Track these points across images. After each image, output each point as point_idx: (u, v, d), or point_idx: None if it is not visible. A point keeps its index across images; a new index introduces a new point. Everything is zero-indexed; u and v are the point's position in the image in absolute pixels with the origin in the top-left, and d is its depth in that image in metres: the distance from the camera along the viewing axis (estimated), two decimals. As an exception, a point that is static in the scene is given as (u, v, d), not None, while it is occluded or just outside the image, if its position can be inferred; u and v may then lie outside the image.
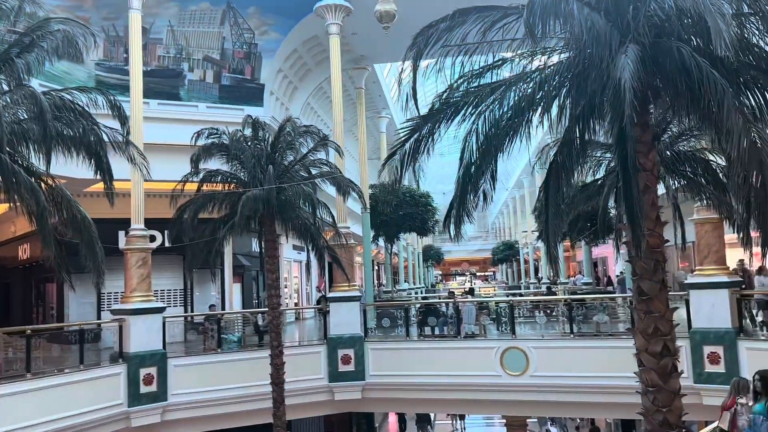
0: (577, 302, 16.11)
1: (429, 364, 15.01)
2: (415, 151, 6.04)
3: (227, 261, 18.93)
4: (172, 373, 13.78)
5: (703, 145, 9.82)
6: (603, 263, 38.15)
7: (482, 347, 15.02)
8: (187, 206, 12.69)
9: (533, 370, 14.36)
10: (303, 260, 22.83)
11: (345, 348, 15.11)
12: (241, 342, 15.37)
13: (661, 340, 4.68)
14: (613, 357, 13.76)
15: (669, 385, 4.69)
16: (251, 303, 20.84)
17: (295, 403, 14.10)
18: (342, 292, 15.64)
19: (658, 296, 4.72)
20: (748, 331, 12.57)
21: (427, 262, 55.95)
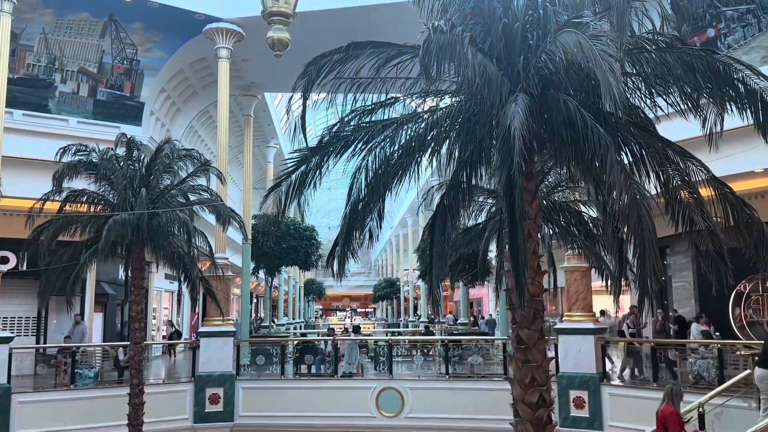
0: (454, 343, 16.28)
1: (303, 404, 14.53)
2: (301, 184, 5.77)
3: (89, 288, 17.51)
4: (16, 410, 12.42)
5: (577, 196, 10.31)
6: (478, 304, 39.33)
7: (359, 387, 14.79)
8: (46, 227, 11.57)
9: (408, 411, 14.28)
10: (175, 290, 21.62)
11: (214, 386, 14.30)
12: (98, 377, 14.12)
13: (537, 390, 4.64)
14: (486, 398, 13.99)
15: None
16: (114, 334, 19.36)
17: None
18: (215, 326, 14.87)
19: (536, 345, 4.71)
20: (610, 376, 13.18)
21: (309, 296, 55.25)
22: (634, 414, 11.77)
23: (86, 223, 11.67)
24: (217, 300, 13.72)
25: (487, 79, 4.62)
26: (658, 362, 12.40)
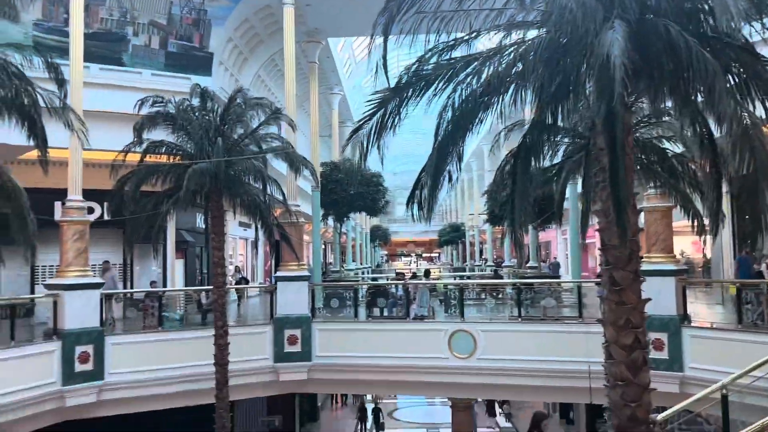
0: (526, 286, 16.17)
1: (377, 345, 14.82)
2: (381, 127, 5.70)
3: (170, 236, 18.23)
4: (110, 351, 13.16)
5: (660, 132, 9.86)
6: (546, 247, 38.83)
7: (431, 329, 14.93)
8: (129, 178, 11.99)
9: (480, 353, 14.35)
10: (250, 237, 22.25)
11: (292, 328, 14.76)
12: (183, 321, 14.81)
13: (632, 332, 4.53)
14: (559, 341, 13.92)
15: (639, 379, 4.55)
16: (194, 280, 20.18)
17: (239, 383, 13.69)
18: (291, 271, 15.25)
19: (631, 287, 4.57)
20: (691, 318, 12.82)
21: (375, 242, 55.90)
22: (716, 356, 11.46)
23: (166, 172, 12.02)
24: (292, 245, 14.01)
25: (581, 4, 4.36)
26: (743, 303, 11.95)
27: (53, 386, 12.17)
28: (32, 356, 11.95)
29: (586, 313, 14.52)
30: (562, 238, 33.69)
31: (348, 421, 32.66)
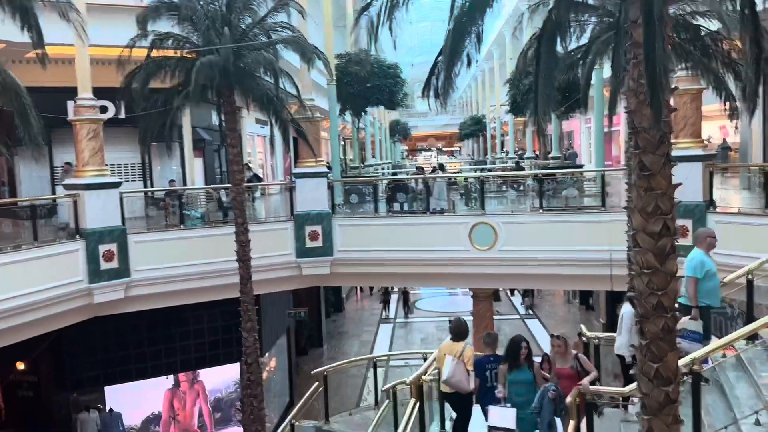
0: (548, 177, 15.89)
1: (397, 239, 14.87)
2: (393, 3, 5.24)
3: (186, 134, 18.00)
4: (134, 249, 13.36)
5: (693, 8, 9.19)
6: (569, 137, 38.03)
7: (451, 222, 14.86)
8: (136, 73, 11.63)
9: (501, 245, 14.34)
10: (266, 135, 21.95)
11: (312, 224, 14.80)
12: (205, 218, 14.88)
13: (661, 219, 4.31)
14: (580, 231, 13.80)
15: (666, 267, 4.37)
16: (214, 178, 20.17)
17: (263, 278, 13.94)
18: (308, 167, 15.10)
19: (661, 172, 4.30)
20: (716, 204, 12.53)
21: (394, 137, 55.30)
22: (741, 242, 11.24)
23: (174, 66, 11.62)
24: (308, 141, 13.75)
25: None
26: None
27: (81, 284, 12.47)
28: (57, 255, 12.16)
29: (609, 202, 14.31)
30: (586, 127, 32.86)
31: (372, 310, 33.76)
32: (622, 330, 8.12)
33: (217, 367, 17.33)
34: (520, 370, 7.22)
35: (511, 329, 28.25)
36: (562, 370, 7.14)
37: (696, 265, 7.60)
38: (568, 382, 6.99)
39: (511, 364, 7.29)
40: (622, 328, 8.10)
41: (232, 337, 15.48)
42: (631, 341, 7.80)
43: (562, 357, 7.20)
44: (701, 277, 7.57)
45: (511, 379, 7.26)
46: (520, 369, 7.22)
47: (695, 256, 7.71)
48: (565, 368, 7.12)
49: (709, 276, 7.65)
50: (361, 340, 27.89)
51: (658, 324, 4.40)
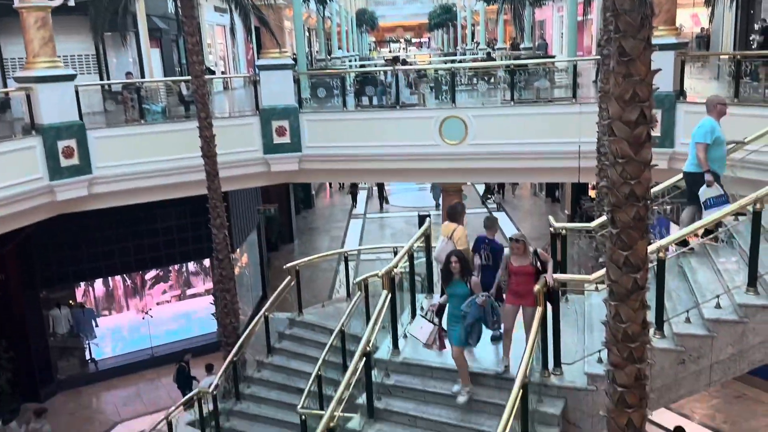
0: (519, 68, 15.57)
1: (366, 134, 14.61)
2: None
3: (141, 23, 17.03)
4: (94, 145, 12.93)
5: None
6: (540, 27, 37.15)
7: (421, 116, 14.61)
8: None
9: (472, 138, 14.22)
10: (227, 24, 20.91)
11: (279, 119, 14.40)
12: (166, 113, 14.37)
13: (638, 106, 4.20)
14: (551, 123, 13.71)
15: (640, 156, 4.31)
16: (173, 71, 19.35)
17: (230, 175, 13.69)
18: (273, 59, 14.49)
19: (641, 57, 4.14)
20: (686, 93, 12.48)
21: (361, 27, 53.44)
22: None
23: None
24: (272, 30, 13.13)
25: None
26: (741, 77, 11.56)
27: (41, 182, 12.11)
28: (13, 152, 11.71)
29: (580, 93, 14.17)
30: (558, 16, 32.10)
31: (343, 206, 33.91)
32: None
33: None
34: (454, 283, 7.22)
35: (479, 223, 28.79)
36: (521, 268, 7.14)
37: (707, 131, 7.63)
38: (527, 278, 7.07)
39: (445, 278, 7.31)
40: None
41: (202, 234, 15.44)
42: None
43: (521, 257, 7.18)
44: (710, 143, 7.60)
45: (448, 291, 7.31)
46: (454, 282, 7.22)
47: (705, 123, 7.73)
48: (524, 266, 7.12)
49: (717, 143, 7.69)
50: (331, 235, 28.14)
51: (629, 213, 4.40)
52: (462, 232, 8.46)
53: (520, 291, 7.13)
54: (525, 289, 7.07)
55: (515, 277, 7.18)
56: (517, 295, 7.20)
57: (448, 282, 7.30)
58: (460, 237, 8.41)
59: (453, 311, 7.20)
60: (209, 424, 11.10)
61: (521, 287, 7.12)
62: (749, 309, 6.43)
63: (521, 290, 7.13)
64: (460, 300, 7.07)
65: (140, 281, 17.47)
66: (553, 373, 7.01)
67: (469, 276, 7.24)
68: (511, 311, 7.24)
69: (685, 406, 12.88)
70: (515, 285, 7.20)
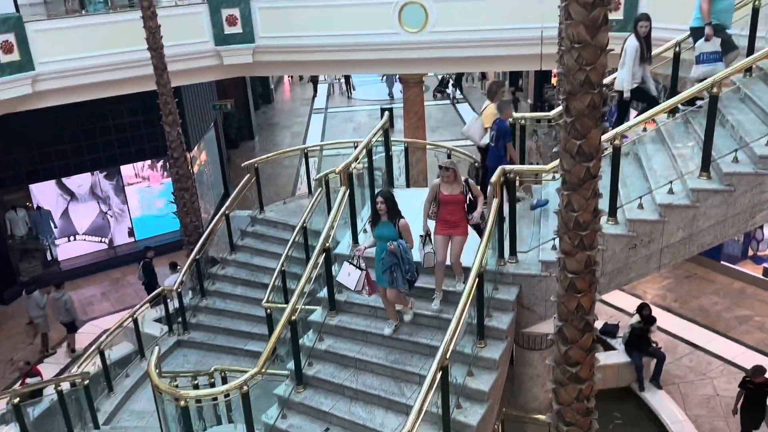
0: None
1: (323, 23, 13.98)
2: None
3: None
4: (34, 39, 12.21)
5: None
6: None
7: (379, 2, 13.96)
8: None
9: (432, 26, 13.77)
10: None
11: (229, 7, 13.65)
12: (108, 2, 13.49)
13: (598, -13, 3.99)
14: (513, 8, 13.25)
15: (597, 41, 4.15)
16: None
17: (180, 69, 13.13)
18: (218, -61, 13.54)
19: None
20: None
21: None
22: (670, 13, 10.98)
23: None
24: None
25: None
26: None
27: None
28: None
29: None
30: None
31: (303, 101, 33.16)
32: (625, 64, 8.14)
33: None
34: (381, 225, 6.83)
35: (441, 114, 28.57)
36: (451, 196, 6.91)
37: None
38: (458, 207, 6.91)
39: (374, 219, 6.96)
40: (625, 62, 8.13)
41: (156, 132, 14.97)
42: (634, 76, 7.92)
43: (452, 184, 6.92)
44: None
45: (376, 233, 6.90)
46: (381, 224, 6.83)
47: None
48: (454, 195, 6.91)
49: None
50: (292, 131, 27.67)
51: (584, 100, 4.30)
52: (490, 110, 8.41)
53: (451, 220, 6.93)
54: (455, 218, 6.91)
55: (445, 206, 6.96)
56: (447, 224, 6.97)
57: (375, 223, 6.92)
58: (487, 115, 8.44)
59: (380, 254, 6.81)
60: (176, 320, 11.27)
61: (452, 216, 6.92)
62: (701, 193, 6.55)
63: (452, 219, 6.93)
64: (386, 243, 6.68)
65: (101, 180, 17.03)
66: (509, 261, 7.15)
67: (398, 218, 6.79)
68: (442, 242, 7.00)
69: (637, 287, 13.47)
70: (445, 214, 6.97)
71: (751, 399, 9.49)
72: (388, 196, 6.82)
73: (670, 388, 11.01)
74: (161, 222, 17.56)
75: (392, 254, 6.62)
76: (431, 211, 7.08)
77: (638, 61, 7.89)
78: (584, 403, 5.18)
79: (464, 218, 6.95)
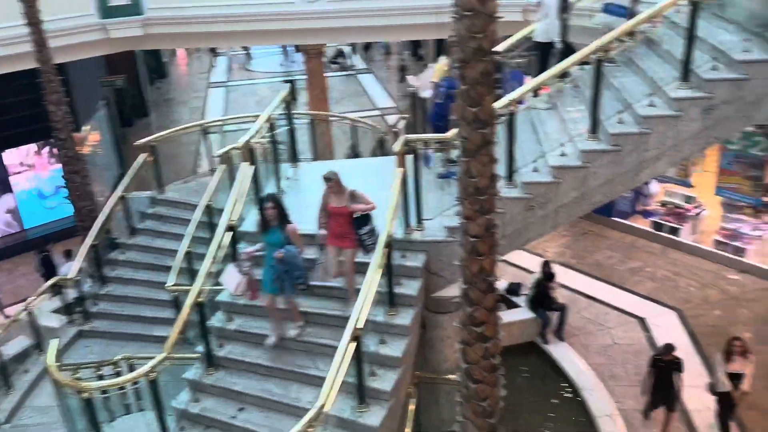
0: None
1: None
2: None
3: None
4: None
5: None
6: None
7: (274, -29, 13.63)
8: None
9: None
10: None
11: (113, -23, 12.90)
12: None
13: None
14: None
15: (486, 8, 4.23)
16: None
17: (63, 44, 12.31)
18: None
19: None
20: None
21: None
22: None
23: None
24: None
25: None
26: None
27: None
28: None
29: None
30: None
31: (199, 74, 32.00)
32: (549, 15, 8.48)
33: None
34: (270, 230, 6.57)
35: (344, 86, 28.38)
36: (337, 208, 6.69)
37: None
38: (346, 219, 6.69)
39: (263, 225, 6.67)
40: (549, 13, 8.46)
41: (41, 112, 14.00)
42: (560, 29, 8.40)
43: (337, 195, 6.70)
44: None
45: (265, 239, 6.67)
46: (270, 230, 6.57)
47: None
48: (340, 207, 6.68)
49: None
50: (190, 107, 26.68)
51: (477, 68, 4.39)
52: (442, 66, 8.57)
53: (339, 232, 6.75)
54: (344, 230, 6.73)
55: (334, 218, 6.77)
56: (336, 235, 6.78)
57: (264, 229, 6.66)
58: (438, 69, 8.60)
59: (269, 261, 6.60)
60: (76, 310, 10.74)
61: (340, 228, 6.74)
62: (590, 154, 6.89)
63: (340, 231, 6.74)
64: (275, 249, 6.50)
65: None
66: (416, 229, 7.28)
67: (286, 223, 6.57)
68: (333, 253, 6.86)
69: (538, 247, 14.05)
70: (335, 225, 6.77)
71: (661, 377, 9.05)
72: (277, 201, 6.61)
73: (572, 340, 11.62)
74: (53, 210, 16.57)
75: (281, 262, 6.45)
76: (322, 222, 6.91)
77: (560, 12, 8.29)
78: (490, 361, 5.40)
79: (353, 231, 6.74)
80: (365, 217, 6.72)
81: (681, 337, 11.36)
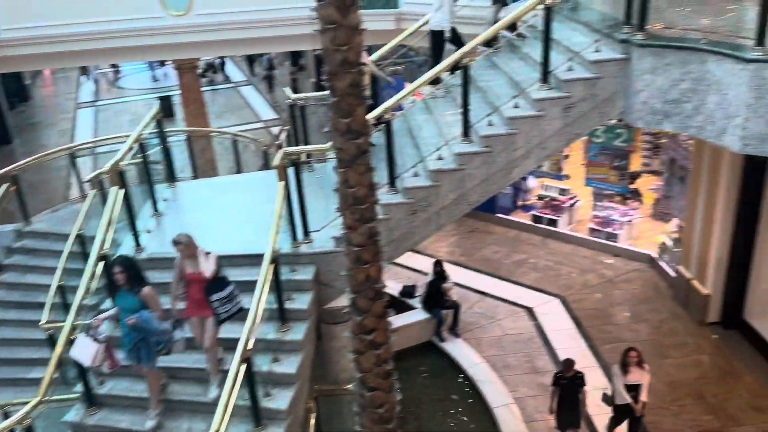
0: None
1: (77, 9, 12.77)
2: None
3: None
4: None
5: None
6: None
7: (137, -14, 13.10)
8: None
9: (199, 8, 13.29)
10: None
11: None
12: None
13: (340, -33, 4.09)
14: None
15: (348, 21, 4.26)
16: None
17: None
18: None
19: None
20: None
21: None
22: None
23: None
24: None
25: None
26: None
27: None
28: None
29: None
30: None
31: (67, 95, 30.21)
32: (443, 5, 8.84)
33: None
34: (121, 294, 6.06)
35: (226, 100, 27.78)
36: (194, 275, 6.16)
37: None
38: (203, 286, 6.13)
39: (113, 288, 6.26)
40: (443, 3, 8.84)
41: None
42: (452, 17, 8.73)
43: (191, 259, 6.17)
44: None
45: (117, 303, 6.16)
46: (121, 293, 6.06)
47: None
48: (197, 273, 6.14)
49: None
50: (59, 129, 25.10)
51: (345, 80, 4.42)
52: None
53: (199, 299, 6.16)
54: (204, 296, 6.12)
55: (192, 285, 6.21)
56: (196, 303, 6.22)
57: (116, 292, 6.18)
58: None
59: (124, 327, 6.03)
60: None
61: (200, 294, 6.14)
62: (465, 157, 7.11)
63: (200, 298, 6.15)
64: (128, 314, 5.91)
65: None
66: (303, 242, 7.21)
67: (140, 286, 5.98)
68: (196, 324, 6.33)
69: (429, 248, 14.36)
70: (194, 293, 6.21)
71: (565, 395, 8.68)
72: (127, 264, 6.04)
73: (466, 335, 11.94)
74: None
75: (134, 329, 5.90)
76: (179, 293, 6.33)
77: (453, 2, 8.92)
78: (383, 367, 5.43)
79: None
80: (221, 281, 6.14)
81: (566, 322, 11.98)
